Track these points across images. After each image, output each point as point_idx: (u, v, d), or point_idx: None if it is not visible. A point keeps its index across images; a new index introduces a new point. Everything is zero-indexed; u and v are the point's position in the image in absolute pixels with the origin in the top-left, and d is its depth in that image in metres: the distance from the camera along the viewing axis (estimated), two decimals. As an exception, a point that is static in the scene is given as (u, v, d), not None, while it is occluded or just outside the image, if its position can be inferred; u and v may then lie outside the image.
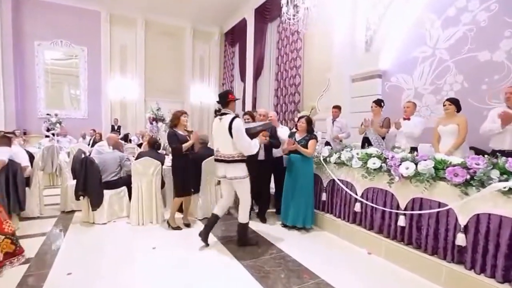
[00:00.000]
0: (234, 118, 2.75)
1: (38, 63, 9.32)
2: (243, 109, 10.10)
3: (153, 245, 2.97)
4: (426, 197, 2.41)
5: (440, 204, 2.32)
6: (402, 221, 2.58)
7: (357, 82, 5.94)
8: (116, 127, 9.52)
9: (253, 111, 5.32)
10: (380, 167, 2.76)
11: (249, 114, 4.07)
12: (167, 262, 2.62)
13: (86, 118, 9.76)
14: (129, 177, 3.76)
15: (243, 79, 10.31)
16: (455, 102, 3.57)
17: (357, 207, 3.05)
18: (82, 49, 9.69)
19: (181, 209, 3.70)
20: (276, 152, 3.84)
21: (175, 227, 3.45)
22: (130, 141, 8.07)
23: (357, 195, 3.06)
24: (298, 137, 3.50)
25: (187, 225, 3.59)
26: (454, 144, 3.40)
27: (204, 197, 3.93)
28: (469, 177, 2.12)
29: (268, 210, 3.97)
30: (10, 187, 3.20)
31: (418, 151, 3.17)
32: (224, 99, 2.92)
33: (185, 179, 3.39)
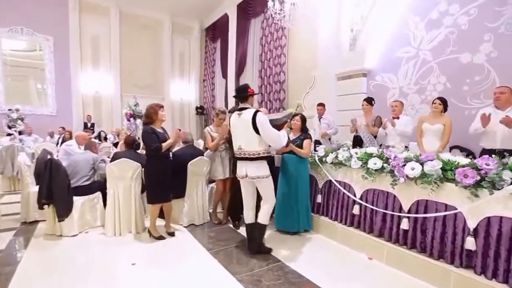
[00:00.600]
0: (256, 112, 2.51)
1: (-7, 53, 8.19)
2: (226, 106, 9.75)
3: (132, 260, 2.55)
4: (432, 199, 2.28)
5: (447, 206, 2.20)
6: (405, 224, 2.43)
7: (343, 81, 5.85)
8: (89, 124, 8.71)
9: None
10: (382, 167, 2.60)
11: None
12: (149, 280, 2.22)
13: (54, 114, 8.72)
14: (104, 181, 3.26)
15: (225, 75, 9.93)
16: (444, 102, 3.56)
17: (356, 209, 2.87)
18: (46, 39, 8.57)
19: (163, 214, 3.28)
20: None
21: (158, 237, 3.03)
22: (106, 139, 7.39)
23: (355, 196, 2.89)
24: (292, 136, 3.26)
25: (171, 234, 3.16)
26: (441, 144, 3.38)
27: (190, 202, 3.53)
28: (479, 178, 2.01)
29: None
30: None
31: (409, 149, 3.11)
32: (244, 92, 2.67)
33: (162, 184, 2.94)
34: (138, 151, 3.71)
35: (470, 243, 2.04)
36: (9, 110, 6.44)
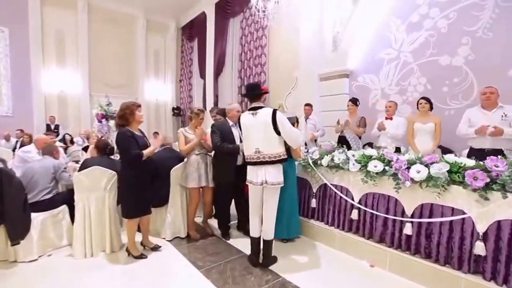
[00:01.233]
0: (275, 110, 2.31)
1: None
2: (204, 107, 9.32)
3: (108, 287, 2.13)
4: (438, 203, 2.15)
5: (454, 209, 2.08)
6: (408, 229, 2.29)
7: (325, 81, 5.75)
8: (52, 126, 7.81)
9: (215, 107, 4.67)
10: (384, 170, 2.44)
11: (221, 113, 3.52)
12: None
13: (10, 115, 7.61)
14: (71, 191, 2.75)
15: (202, 76, 9.49)
16: (429, 101, 3.56)
17: (354, 214, 2.69)
18: (1, 30, 7.54)
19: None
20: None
21: (138, 256, 2.58)
22: (72, 142, 6.64)
23: (353, 201, 2.71)
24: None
25: (155, 249, 2.75)
26: (435, 143, 3.36)
27: (175, 212, 3.10)
28: (489, 180, 1.91)
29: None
30: None
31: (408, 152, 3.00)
32: (257, 90, 2.42)
33: (141, 195, 2.51)
34: (112, 157, 3.23)
35: (479, 248, 1.93)
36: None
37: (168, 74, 10.57)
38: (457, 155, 2.19)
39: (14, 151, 5.58)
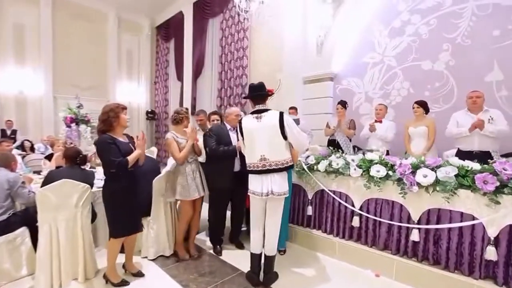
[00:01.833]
0: (282, 113, 2.15)
1: None
2: (181, 110, 8.89)
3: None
4: (445, 208, 2.09)
5: (463, 214, 2.02)
6: (415, 236, 2.20)
7: (309, 84, 5.70)
8: (9, 132, 6.94)
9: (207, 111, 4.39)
10: (387, 175, 2.34)
11: (218, 115, 3.28)
12: None
13: None
14: (32, 210, 2.31)
15: (180, 78, 9.07)
16: (423, 105, 3.59)
17: (355, 221, 2.56)
18: None
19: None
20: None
21: (118, 283, 2.19)
22: (33, 149, 5.90)
23: (354, 207, 2.59)
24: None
25: (138, 275, 2.36)
26: (426, 146, 3.38)
27: (158, 227, 2.74)
28: (499, 184, 1.86)
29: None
30: None
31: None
32: (263, 91, 2.22)
33: (131, 208, 2.19)
34: (84, 167, 2.80)
35: (491, 253, 1.88)
36: None
37: (142, 76, 9.98)
38: (475, 160, 2.12)
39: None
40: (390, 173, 2.32)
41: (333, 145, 4.09)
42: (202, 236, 3.09)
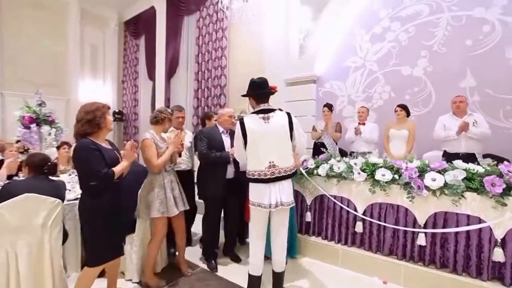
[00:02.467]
0: (290, 113, 2.02)
1: None
2: (152, 111, 8.36)
3: None
4: (452, 211, 2.09)
5: (469, 217, 2.04)
6: (422, 240, 2.18)
7: (292, 86, 5.65)
8: None
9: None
10: (393, 179, 2.30)
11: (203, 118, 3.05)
12: None
13: None
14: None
15: (151, 77, 8.52)
16: (405, 108, 3.70)
17: (359, 227, 2.50)
18: None
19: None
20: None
21: None
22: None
23: (357, 212, 2.52)
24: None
25: None
26: (408, 149, 3.48)
27: (142, 242, 2.38)
28: (505, 186, 1.91)
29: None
30: None
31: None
32: (267, 88, 1.99)
33: (114, 230, 1.83)
34: (53, 178, 2.35)
35: (498, 254, 1.91)
36: None
37: (108, 74, 9.19)
38: (476, 162, 2.17)
39: None
40: (396, 177, 2.29)
41: (318, 148, 4.06)
42: (192, 249, 2.79)
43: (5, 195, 1.89)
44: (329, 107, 4.35)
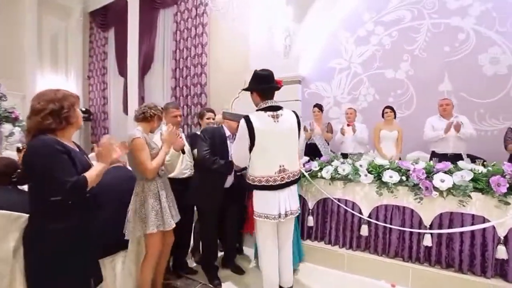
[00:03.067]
0: (296, 112, 1.87)
1: None
2: (124, 110, 7.85)
3: None
4: (457, 211, 2.15)
5: (474, 216, 2.11)
6: (428, 241, 2.21)
7: (277, 87, 5.59)
8: None
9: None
10: (400, 180, 2.31)
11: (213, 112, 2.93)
12: None
13: None
14: None
15: (122, 73, 7.92)
16: (393, 110, 3.82)
17: (364, 230, 2.47)
18: None
19: None
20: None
21: None
22: None
23: (362, 215, 2.50)
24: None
25: None
26: (398, 150, 3.61)
27: (135, 257, 2.10)
28: (508, 185, 1.99)
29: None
30: None
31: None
32: (274, 82, 1.79)
33: (83, 259, 1.37)
34: (21, 187, 1.97)
35: (502, 252, 1.99)
36: None
37: (72, 68, 8.36)
38: (478, 162, 2.24)
39: None
40: (404, 178, 2.30)
41: (311, 149, 4.04)
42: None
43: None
44: (319, 107, 4.35)
